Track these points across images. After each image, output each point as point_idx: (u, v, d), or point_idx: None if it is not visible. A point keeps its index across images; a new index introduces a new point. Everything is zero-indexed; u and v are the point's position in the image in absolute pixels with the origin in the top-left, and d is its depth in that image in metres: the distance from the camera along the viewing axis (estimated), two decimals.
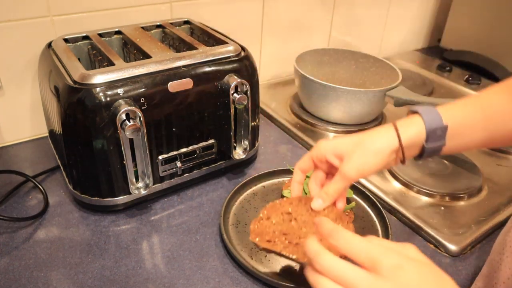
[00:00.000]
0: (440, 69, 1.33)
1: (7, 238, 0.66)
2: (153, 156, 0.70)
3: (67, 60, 0.68)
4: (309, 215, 0.55)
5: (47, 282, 0.59)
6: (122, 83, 0.63)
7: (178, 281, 0.60)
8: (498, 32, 1.30)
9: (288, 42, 1.19)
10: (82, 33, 0.79)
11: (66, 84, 0.63)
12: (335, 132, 0.97)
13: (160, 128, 0.68)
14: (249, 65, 0.75)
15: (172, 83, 0.66)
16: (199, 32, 0.86)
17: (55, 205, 0.73)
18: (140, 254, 0.64)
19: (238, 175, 0.83)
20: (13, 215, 0.71)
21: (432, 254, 0.67)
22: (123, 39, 0.81)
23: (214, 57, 0.71)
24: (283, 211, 0.56)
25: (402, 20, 1.43)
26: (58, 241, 0.66)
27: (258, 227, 0.55)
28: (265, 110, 1.05)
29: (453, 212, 0.75)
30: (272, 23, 1.13)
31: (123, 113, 0.61)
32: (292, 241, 0.52)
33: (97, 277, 0.60)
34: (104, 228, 0.69)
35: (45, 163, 0.83)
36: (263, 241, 0.53)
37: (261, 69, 1.18)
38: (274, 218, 0.55)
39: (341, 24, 1.27)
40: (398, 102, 0.92)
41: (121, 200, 0.70)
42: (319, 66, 1.11)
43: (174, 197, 0.76)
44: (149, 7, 0.92)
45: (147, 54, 0.70)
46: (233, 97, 0.71)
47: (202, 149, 0.75)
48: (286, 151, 0.91)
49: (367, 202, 0.75)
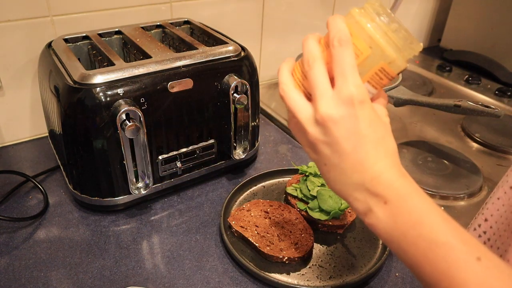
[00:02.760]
0: (440, 69, 1.33)
1: (7, 238, 0.66)
2: (153, 156, 0.70)
3: (67, 60, 0.68)
4: (282, 219, 0.69)
5: (47, 282, 0.59)
6: (122, 83, 0.63)
7: (178, 281, 0.60)
8: (498, 32, 1.30)
9: (288, 42, 1.19)
10: (82, 33, 0.79)
11: (66, 84, 0.63)
12: None
13: (160, 128, 0.68)
14: (249, 65, 0.75)
15: (172, 83, 0.66)
16: (199, 32, 0.86)
17: (55, 205, 0.73)
18: (140, 254, 0.64)
19: (238, 175, 0.83)
20: (13, 215, 0.71)
21: None
22: (123, 39, 0.81)
23: (214, 57, 0.71)
24: (262, 208, 0.71)
25: (402, 20, 1.43)
26: (58, 241, 0.66)
27: (238, 214, 0.69)
28: (265, 110, 1.05)
29: (453, 212, 0.75)
30: (272, 23, 1.13)
31: (123, 113, 0.61)
32: (260, 233, 0.66)
33: (97, 277, 0.60)
34: (104, 228, 0.69)
35: (45, 163, 0.83)
36: (237, 225, 0.67)
37: (261, 69, 1.18)
38: (253, 211, 0.70)
39: None
40: (398, 102, 0.92)
41: (121, 200, 0.70)
42: None
43: (174, 197, 0.76)
44: (149, 7, 0.92)
45: (147, 54, 0.70)
46: (233, 97, 0.71)
47: (202, 149, 0.75)
48: (286, 151, 0.91)
49: None
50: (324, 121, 0.38)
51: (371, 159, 0.38)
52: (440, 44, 1.52)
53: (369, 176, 0.38)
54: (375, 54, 0.39)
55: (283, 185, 0.79)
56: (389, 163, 0.38)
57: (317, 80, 0.39)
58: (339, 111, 0.37)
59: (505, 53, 1.29)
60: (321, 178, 0.76)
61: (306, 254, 0.63)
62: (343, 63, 0.38)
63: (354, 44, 0.39)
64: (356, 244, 0.67)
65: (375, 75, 0.40)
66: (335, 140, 0.38)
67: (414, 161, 0.85)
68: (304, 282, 0.60)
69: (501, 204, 0.44)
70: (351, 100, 0.37)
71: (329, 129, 0.38)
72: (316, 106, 0.39)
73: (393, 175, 0.38)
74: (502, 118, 0.86)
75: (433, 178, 0.81)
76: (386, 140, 0.39)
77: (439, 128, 1.01)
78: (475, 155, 0.91)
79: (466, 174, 0.83)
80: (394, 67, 0.40)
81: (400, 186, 0.38)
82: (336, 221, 0.69)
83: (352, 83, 0.37)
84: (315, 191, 0.71)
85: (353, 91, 0.37)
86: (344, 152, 0.38)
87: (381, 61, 0.39)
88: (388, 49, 0.39)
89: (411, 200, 0.37)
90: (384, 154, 0.39)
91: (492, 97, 1.16)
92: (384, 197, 0.37)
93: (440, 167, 0.84)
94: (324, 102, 0.38)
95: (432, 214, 0.37)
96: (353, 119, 0.37)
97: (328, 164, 0.40)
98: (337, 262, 0.64)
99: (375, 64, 0.39)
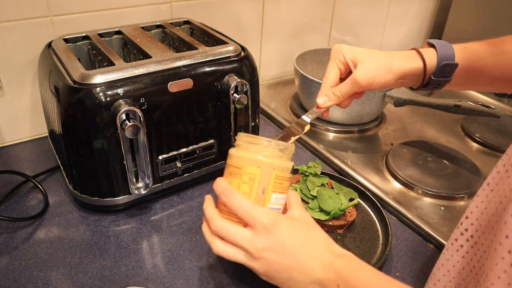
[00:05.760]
0: None
1: (7, 238, 0.66)
2: (153, 156, 0.70)
3: (67, 60, 0.68)
4: None
5: (47, 282, 0.59)
6: (122, 83, 0.63)
7: (178, 281, 0.60)
8: (498, 32, 1.30)
9: (288, 42, 1.19)
10: (82, 33, 0.79)
11: (66, 84, 0.63)
12: (335, 132, 0.97)
13: (160, 128, 0.68)
14: (249, 65, 0.75)
15: (172, 83, 0.66)
16: (199, 32, 0.86)
17: (55, 205, 0.73)
18: (140, 254, 0.64)
19: None
20: (13, 215, 0.71)
21: (432, 254, 0.67)
22: (123, 39, 0.81)
23: (214, 57, 0.71)
24: None
25: (402, 20, 1.43)
26: (58, 241, 0.66)
27: None
28: (265, 110, 1.05)
29: (453, 212, 0.75)
30: (272, 23, 1.13)
31: (123, 113, 0.61)
32: None
33: (97, 277, 0.60)
34: (104, 228, 0.69)
35: (45, 163, 0.83)
36: None
37: (261, 69, 1.18)
38: None
39: (341, 24, 1.27)
40: (398, 102, 0.92)
41: (121, 200, 0.70)
42: (319, 66, 1.11)
43: (174, 197, 0.76)
44: (149, 7, 0.92)
45: (147, 54, 0.70)
46: (233, 97, 0.71)
47: (202, 149, 0.75)
48: None
49: (367, 202, 0.75)
50: (260, 256, 0.44)
51: (310, 259, 0.44)
52: None
53: (318, 272, 0.43)
54: (264, 169, 0.46)
55: None
56: (325, 253, 0.44)
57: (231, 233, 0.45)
58: (265, 242, 0.43)
59: None
60: (321, 178, 0.76)
61: None
62: (240, 207, 0.44)
63: (246, 172, 0.46)
64: (356, 244, 0.67)
65: (275, 184, 0.47)
66: (277, 263, 0.44)
67: (414, 161, 0.85)
68: None
69: (480, 201, 0.45)
70: (267, 228, 0.43)
71: (267, 259, 0.44)
72: (246, 249, 0.44)
73: (333, 261, 0.44)
74: (502, 118, 0.87)
75: (433, 178, 0.81)
76: (312, 234, 0.46)
77: (439, 128, 1.01)
78: (475, 155, 0.91)
79: (466, 174, 0.83)
80: (284, 170, 0.47)
81: (342, 267, 0.44)
82: (336, 221, 0.69)
83: (258, 216, 0.44)
84: (315, 191, 0.71)
85: (263, 221, 0.43)
86: (289, 267, 0.44)
87: (272, 171, 0.46)
88: (270, 161, 0.46)
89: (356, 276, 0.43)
90: (317, 246, 0.45)
91: (492, 97, 1.17)
92: (335, 282, 0.43)
93: (440, 167, 0.84)
94: (249, 244, 0.44)
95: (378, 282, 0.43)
96: (278, 241, 0.43)
97: (285, 282, 0.45)
98: None
99: (270, 175, 0.46)
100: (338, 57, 0.61)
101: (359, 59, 0.59)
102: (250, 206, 0.44)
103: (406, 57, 0.60)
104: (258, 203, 0.46)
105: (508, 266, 0.37)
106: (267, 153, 0.46)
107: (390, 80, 0.59)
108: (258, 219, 0.43)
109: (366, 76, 0.58)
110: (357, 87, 0.59)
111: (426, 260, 0.66)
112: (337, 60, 0.61)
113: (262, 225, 0.43)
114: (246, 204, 0.44)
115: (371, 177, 0.82)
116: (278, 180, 0.46)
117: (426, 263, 0.65)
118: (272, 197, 0.47)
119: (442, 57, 0.59)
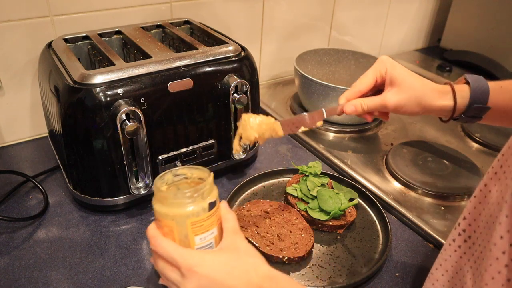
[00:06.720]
0: (440, 69, 1.33)
1: (7, 238, 0.66)
2: (153, 156, 0.70)
3: (67, 60, 0.68)
4: (282, 219, 0.69)
5: (47, 282, 0.59)
6: (122, 83, 0.63)
7: None
8: (498, 32, 1.30)
9: (288, 42, 1.19)
10: (82, 33, 0.79)
11: (66, 84, 0.63)
12: (335, 132, 0.97)
13: (160, 128, 0.68)
14: (249, 65, 0.75)
15: (172, 83, 0.66)
16: (199, 32, 0.86)
17: (55, 205, 0.73)
18: (140, 254, 0.64)
19: (238, 175, 0.83)
20: (13, 215, 0.71)
21: (432, 253, 0.67)
22: (123, 39, 0.81)
23: (214, 57, 0.71)
24: (262, 208, 0.71)
25: (402, 20, 1.43)
26: (58, 241, 0.66)
27: (238, 214, 0.69)
28: (265, 110, 1.05)
29: (453, 212, 0.74)
30: (272, 23, 1.13)
31: (123, 113, 0.61)
32: (260, 233, 0.66)
33: (97, 277, 0.60)
34: (104, 228, 0.69)
35: (45, 163, 0.83)
36: None
37: (261, 69, 1.18)
38: (253, 211, 0.70)
39: (341, 24, 1.27)
40: None
41: (121, 200, 0.70)
42: (319, 66, 1.11)
43: None
44: (149, 7, 0.92)
45: (147, 54, 0.70)
46: (233, 97, 0.71)
47: (202, 149, 0.75)
48: (286, 151, 0.91)
49: (367, 202, 0.75)
50: None
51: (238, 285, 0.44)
52: (440, 44, 1.52)
53: None
54: (178, 221, 0.45)
55: (283, 185, 0.79)
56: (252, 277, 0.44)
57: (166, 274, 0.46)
58: (193, 283, 0.44)
59: (505, 53, 1.29)
60: (321, 178, 0.76)
61: (306, 254, 0.63)
62: (166, 252, 0.45)
63: (165, 225, 0.46)
64: (356, 244, 0.67)
65: (194, 229, 0.46)
66: None
67: (414, 161, 0.85)
68: (304, 282, 0.60)
69: (478, 201, 0.45)
70: (190, 270, 0.43)
71: None
72: None
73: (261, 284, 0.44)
74: None
75: (433, 178, 0.81)
76: (239, 261, 0.46)
77: (439, 128, 1.01)
78: (475, 155, 0.91)
79: (466, 174, 0.83)
80: (199, 213, 0.45)
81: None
82: (336, 221, 0.69)
83: (181, 260, 0.44)
84: (315, 191, 0.71)
85: (186, 264, 0.44)
86: None
87: (186, 220, 0.45)
88: (182, 211, 0.45)
89: None
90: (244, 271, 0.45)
91: None
92: None
93: (440, 167, 0.84)
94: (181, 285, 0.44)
95: None
96: (204, 278, 0.44)
97: None
98: (337, 262, 0.64)
99: (185, 224, 0.45)
100: (380, 69, 0.62)
101: (398, 82, 0.60)
102: (173, 251, 0.45)
103: (439, 92, 0.60)
104: (185, 246, 0.46)
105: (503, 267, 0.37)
106: (178, 203, 0.45)
107: (418, 112, 0.61)
108: (181, 262, 0.44)
109: (396, 103, 0.60)
110: (383, 108, 0.61)
111: (426, 260, 0.66)
112: (379, 71, 0.62)
113: (186, 268, 0.44)
114: (170, 250, 0.45)
115: (371, 177, 0.82)
116: (196, 225, 0.46)
117: (426, 263, 0.65)
118: (196, 240, 0.46)
119: (475, 98, 0.59)
